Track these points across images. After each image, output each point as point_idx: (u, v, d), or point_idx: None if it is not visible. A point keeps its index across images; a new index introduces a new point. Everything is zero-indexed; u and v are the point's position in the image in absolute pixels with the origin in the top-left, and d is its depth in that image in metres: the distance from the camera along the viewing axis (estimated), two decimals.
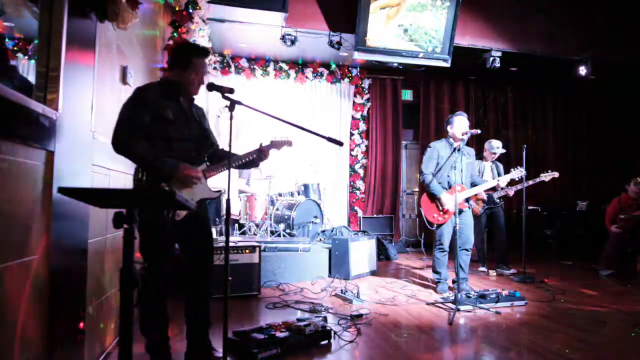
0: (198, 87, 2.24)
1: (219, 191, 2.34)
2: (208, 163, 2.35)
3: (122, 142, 2.00)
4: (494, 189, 4.75)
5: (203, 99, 6.64)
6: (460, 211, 3.85)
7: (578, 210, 7.11)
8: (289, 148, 2.63)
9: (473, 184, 4.15)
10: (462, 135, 3.82)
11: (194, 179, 2.14)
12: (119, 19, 2.18)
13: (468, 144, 4.23)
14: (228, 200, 1.86)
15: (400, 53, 5.91)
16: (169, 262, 2.18)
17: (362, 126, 7.57)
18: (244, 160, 2.40)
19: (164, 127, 2.11)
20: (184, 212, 2.15)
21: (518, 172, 4.45)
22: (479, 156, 5.24)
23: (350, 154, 7.53)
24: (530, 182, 4.79)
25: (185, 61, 2.18)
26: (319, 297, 3.84)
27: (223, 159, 2.36)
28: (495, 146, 5.14)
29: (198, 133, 2.28)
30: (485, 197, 4.95)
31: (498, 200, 5.05)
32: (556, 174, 4.78)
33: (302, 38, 5.68)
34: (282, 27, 5.56)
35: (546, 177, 4.76)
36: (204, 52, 2.23)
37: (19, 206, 1.43)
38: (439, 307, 3.56)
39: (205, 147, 2.33)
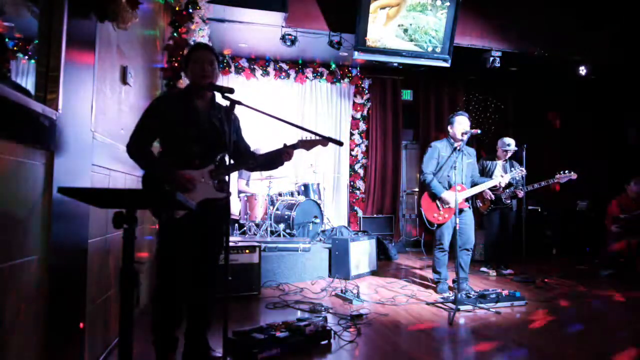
0: (202, 76, 2.19)
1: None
2: (232, 162, 2.21)
3: (130, 150, 2.15)
4: (507, 186, 4.66)
5: None
6: (461, 211, 3.85)
7: (578, 210, 7.11)
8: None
9: (474, 184, 4.14)
10: (462, 135, 3.81)
11: (187, 184, 2.10)
12: (119, 19, 2.18)
13: (468, 144, 4.21)
14: (228, 201, 1.86)
15: (400, 53, 5.91)
16: (185, 264, 2.21)
17: (362, 126, 7.57)
18: (264, 161, 2.33)
19: (170, 129, 2.17)
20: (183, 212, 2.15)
21: (518, 172, 4.44)
22: (492, 156, 5.21)
23: (350, 154, 7.54)
24: (543, 183, 4.69)
25: (185, 60, 2.27)
26: (319, 297, 3.84)
27: (248, 160, 2.39)
28: (507, 143, 5.04)
29: (209, 134, 2.22)
30: (492, 196, 4.89)
31: (508, 201, 4.97)
32: (574, 176, 4.53)
33: (302, 38, 5.68)
34: (282, 27, 5.56)
35: (562, 178, 4.53)
36: (197, 45, 2.33)
37: (19, 206, 1.43)
38: (439, 307, 3.56)
39: (217, 148, 2.24)
